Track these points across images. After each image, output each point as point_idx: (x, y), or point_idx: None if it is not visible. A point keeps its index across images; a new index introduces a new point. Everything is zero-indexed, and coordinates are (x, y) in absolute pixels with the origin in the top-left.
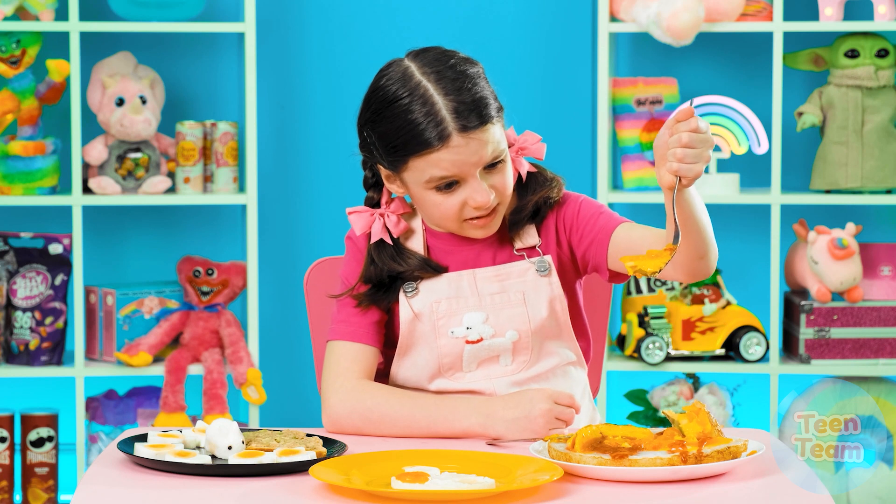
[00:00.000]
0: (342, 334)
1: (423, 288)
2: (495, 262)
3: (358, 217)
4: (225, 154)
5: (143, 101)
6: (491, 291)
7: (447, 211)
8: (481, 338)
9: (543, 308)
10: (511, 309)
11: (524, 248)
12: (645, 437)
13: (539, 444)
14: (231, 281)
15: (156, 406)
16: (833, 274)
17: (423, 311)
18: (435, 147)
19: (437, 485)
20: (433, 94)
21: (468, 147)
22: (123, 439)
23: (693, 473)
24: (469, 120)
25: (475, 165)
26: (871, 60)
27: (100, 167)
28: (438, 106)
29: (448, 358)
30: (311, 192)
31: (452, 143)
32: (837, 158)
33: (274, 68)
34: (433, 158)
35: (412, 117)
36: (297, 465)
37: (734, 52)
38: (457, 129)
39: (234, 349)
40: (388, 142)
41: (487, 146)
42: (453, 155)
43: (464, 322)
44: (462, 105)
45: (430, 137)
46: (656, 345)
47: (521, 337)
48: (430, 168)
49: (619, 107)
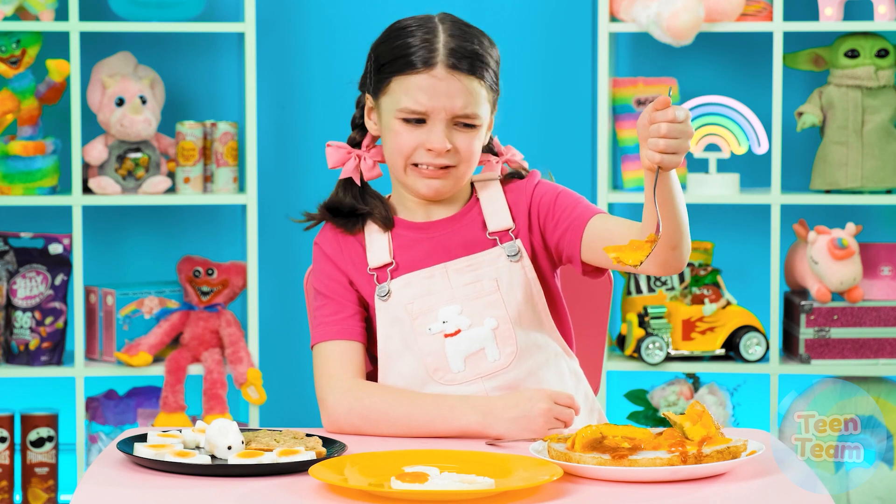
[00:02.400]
0: (326, 335)
1: (394, 289)
2: (466, 246)
3: (334, 151)
4: (225, 154)
5: (143, 101)
6: (464, 282)
7: (402, 145)
8: (459, 329)
9: (518, 293)
10: (486, 297)
11: (497, 231)
12: (645, 438)
13: (539, 444)
14: (231, 281)
15: (156, 406)
16: (833, 274)
17: (398, 315)
18: (418, 69)
19: (437, 485)
20: (439, 30)
21: (447, 85)
22: (123, 439)
23: (693, 473)
24: (460, 63)
25: (447, 108)
26: (871, 60)
27: (100, 167)
28: (438, 38)
29: (431, 357)
30: (311, 192)
31: (434, 73)
32: (837, 158)
33: (274, 68)
34: (411, 83)
35: (410, 40)
36: (296, 465)
37: (734, 52)
38: (445, 63)
39: (234, 349)
40: (381, 60)
41: (464, 96)
42: (430, 85)
43: (439, 317)
44: (459, 49)
45: (417, 59)
46: (656, 345)
47: (500, 324)
48: (405, 95)
49: (619, 107)
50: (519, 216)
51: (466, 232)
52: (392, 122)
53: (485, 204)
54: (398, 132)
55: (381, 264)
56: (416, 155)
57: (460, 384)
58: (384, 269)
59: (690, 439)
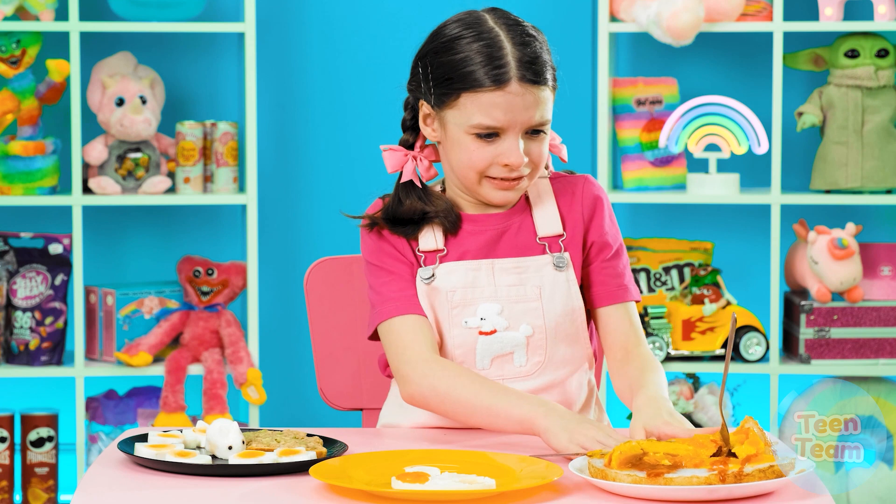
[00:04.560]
0: (393, 311)
1: (439, 275)
2: (517, 247)
3: (391, 155)
4: (225, 154)
5: (143, 101)
6: (508, 283)
7: (476, 160)
8: (495, 329)
9: (559, 304)
10: (527, 303)
11: (546, 237)
12: (687, 455)
13: (579, 461)
14: (231, 281)
15: (156, 406)
16: (833, 274)
17: (439, 301)
18: (491, 87)
19: (438, 485)
20: (503, 39)
21: (522, 99)
22: (123, 439)
23: (731, 493)
24: (531, 73)
25: (522, 122)
26: (871, 60)
27: (100, 167)
28: (506, 50)
29: (460, 349)
30: (312, 192)
31: (509, 89)
32: (837, 158)
33: (274, 68)
34: (484, 100)
35: (477, 53)
36: (297, 466)
37: (734, 52)
38: (518, 76)
39: (234, 349)
40: (445, 72)
41: (539, 107)
42: (506, 102)
43: (478, 312)
44: (527, 58)
45: (490, 76)
46: (656, 345)
47: (535, 333)
48: (478, 112)
49: (618, 107)
50: (570, 225)
51: (517, 232)
52: (463, 138)
53: (536, 206)
54: (470, 148)
55: (431, 249)
56: (490, 169)
57: None
58: (434, 254)
59: (735, 455)
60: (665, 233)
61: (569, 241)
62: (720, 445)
